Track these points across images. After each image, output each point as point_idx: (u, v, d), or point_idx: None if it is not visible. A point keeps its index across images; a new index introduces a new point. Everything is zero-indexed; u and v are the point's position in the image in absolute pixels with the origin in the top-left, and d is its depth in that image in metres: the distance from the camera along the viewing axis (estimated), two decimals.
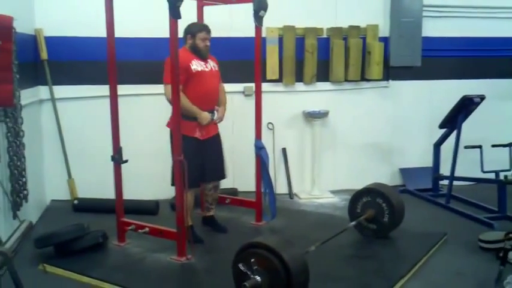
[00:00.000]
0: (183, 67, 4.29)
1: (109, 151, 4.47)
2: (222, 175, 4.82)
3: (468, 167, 5.76)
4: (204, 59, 4.55)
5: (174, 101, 4.02)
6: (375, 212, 4.60)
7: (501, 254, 3.84)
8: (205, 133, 4.56)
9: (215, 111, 4.62)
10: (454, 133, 5.77)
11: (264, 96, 4.99)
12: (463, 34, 6.51)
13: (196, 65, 4.46)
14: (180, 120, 4.09)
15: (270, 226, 5.01)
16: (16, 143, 4.33)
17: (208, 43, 4.56)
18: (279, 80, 6.12)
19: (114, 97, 4.40)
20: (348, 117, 6.39)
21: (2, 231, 3.74)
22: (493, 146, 5.61)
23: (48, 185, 5.77)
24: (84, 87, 5.70)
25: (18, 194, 4.37)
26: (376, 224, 4.62)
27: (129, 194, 4.72)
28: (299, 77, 6.18)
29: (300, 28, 6.08)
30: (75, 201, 5.58)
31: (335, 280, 3.85)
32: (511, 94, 6.67)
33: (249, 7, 4.74)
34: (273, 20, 5.57)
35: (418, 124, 6.59)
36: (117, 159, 4.44)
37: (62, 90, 5.69)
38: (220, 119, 4.72)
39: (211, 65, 4.62)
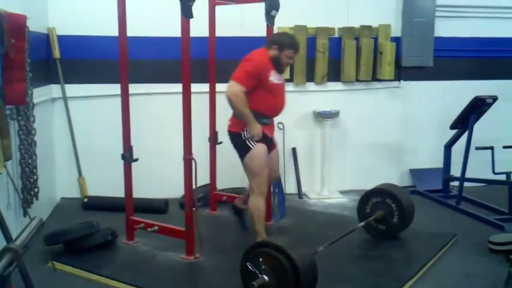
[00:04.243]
0: (259, 75, 4.15)
1: (119, 150, 4.49)
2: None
3: (479, 168, 5.72)
4: (281, 73, 4.39)
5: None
6: (384, 212, 4.58)
7: (511, 256, 3.82)
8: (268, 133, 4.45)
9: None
10: (466, 134, 5.73)
11: None
12: (475, 34, 6.46)
13: (274, 77, 4.25)
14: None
15: (279, 226, 5.01)
16: (28, 141, 4.36)
17: (292, 62, 4.49)
18: (289, 80, 6.09)
19: (125, 96, 4.42)
20: (359, 117, 6.36)
21: (13, 228, 3.75)
22: (505, 147, 5.58)
23: (58, 183, 5.81)
24: (96, 86, 5.74)
25: (29, 192, 4.40)
26: (386, 224, 4.60)
27: (138, 192, 4.74)
28: (310, 77, 6.17)
29: (312, 28, 6.06)
30: (85, 199, 5.61)
31: (343, 280, 3.84)
32: None
33: (260, 6, 4.75)
34: (284, 20, 5.58)
35: (429, 125, 6.55)
36: (127, 158, 4.46)
37: (73, 89, 5.73)
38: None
39: (283, 77, 4.47)
